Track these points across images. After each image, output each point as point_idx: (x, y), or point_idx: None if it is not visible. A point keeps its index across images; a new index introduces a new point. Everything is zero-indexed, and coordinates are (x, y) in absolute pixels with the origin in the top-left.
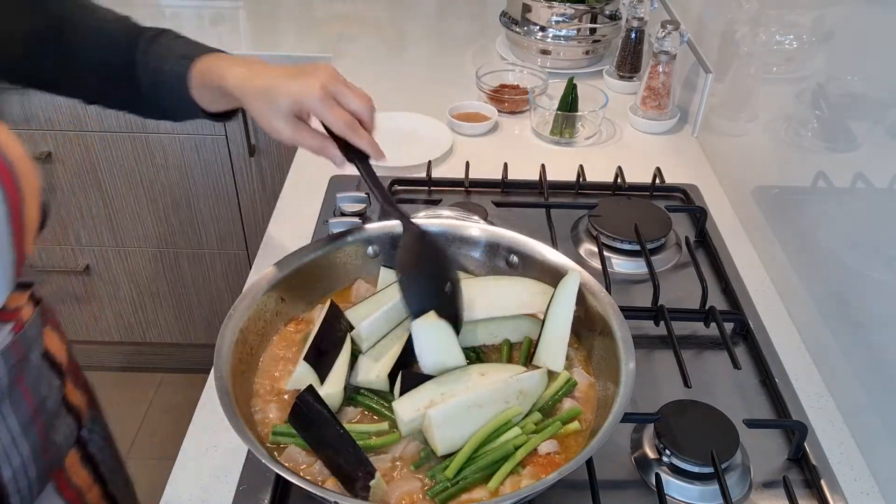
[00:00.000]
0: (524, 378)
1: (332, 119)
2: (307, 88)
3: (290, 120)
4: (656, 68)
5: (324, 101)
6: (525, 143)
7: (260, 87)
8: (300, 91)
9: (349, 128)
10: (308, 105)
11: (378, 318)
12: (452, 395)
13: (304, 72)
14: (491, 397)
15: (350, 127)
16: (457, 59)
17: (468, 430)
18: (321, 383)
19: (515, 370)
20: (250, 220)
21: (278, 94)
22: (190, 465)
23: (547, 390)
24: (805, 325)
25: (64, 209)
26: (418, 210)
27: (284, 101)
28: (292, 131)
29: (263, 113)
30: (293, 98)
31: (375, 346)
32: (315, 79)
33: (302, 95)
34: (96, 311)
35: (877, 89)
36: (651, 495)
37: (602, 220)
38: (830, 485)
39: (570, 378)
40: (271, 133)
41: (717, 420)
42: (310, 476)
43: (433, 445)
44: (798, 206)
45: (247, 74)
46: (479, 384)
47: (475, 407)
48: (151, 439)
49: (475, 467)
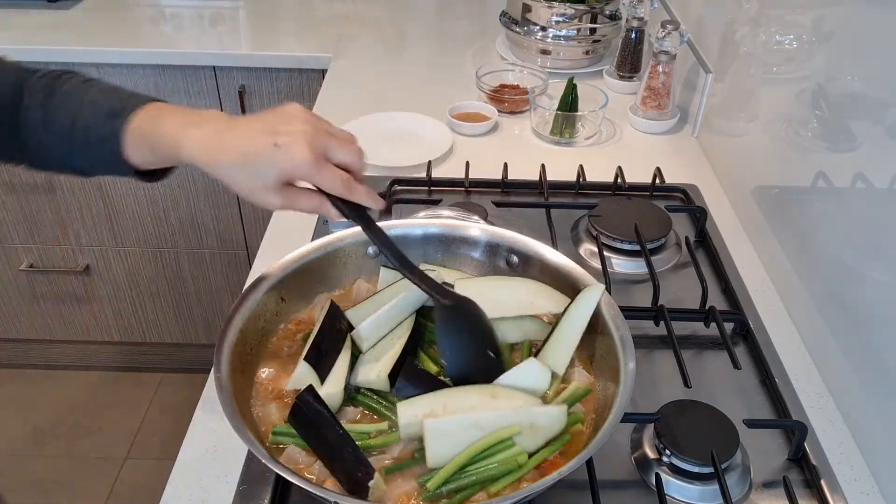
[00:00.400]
0: (538, 411)
1: (328, 184)
2: (295, 157)
3: (280, 189)
4: (656, 68)
5: (316, 165)
6: (525, 143)
7: (235, 162)
8: (287, 160)
9: (346, 188)
10: (298, 173)
11: (378, 318)
12: (455, 409)
13: (278, 129)
14: (494, 422)
15: (346, 186)
16: (457, 59)
17: (461, 450)
18: (321, 383)
19: (531, 400)
20: (250, 220)
21: (261, 166)
22: (190, 465)
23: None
24: (805, 325)
25: (64, 209)
26: (418, 210)
27: (271, 174)
28: (283, 199)
29: (246, 187)
30: (280, 169)
31: (376, 346)
32: (299, 140)
33: (290, 164)
34: (96, 311)
35: (877, 89)
36: (651, 495)
37: (602, 220)
38: (830, 485)
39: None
40: (259, 204)
41: (717, 420)
42: (310, 476)
43: (427, 457)
44: (798, 206)
45: (211, 144)
46: (485, 405)
47: (474, 428)
48: (151, 439)
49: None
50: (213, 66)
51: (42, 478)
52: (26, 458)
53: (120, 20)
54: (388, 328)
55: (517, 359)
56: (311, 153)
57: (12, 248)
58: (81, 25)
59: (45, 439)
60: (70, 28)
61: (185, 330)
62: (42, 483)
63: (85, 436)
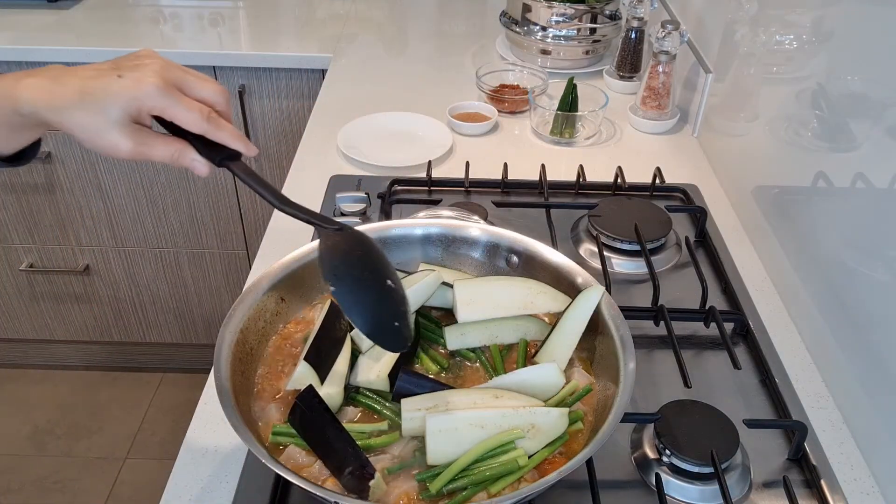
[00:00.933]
0: (539, 412)
1: (183, 114)
2: (141, 82)
3: (129, 128)
4: (656, 68)
5: (166, 92)
6: (525, 143)
7: (74, 96)
8: (132, 87)
9: (208, 121)
10: (148, 103)
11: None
12: (457, 406)
13: (123, 65)
14: (496, 421)
15: (208, 119)
16: (457, 59)
17: (462, 448)
18: (321, 383)
19: (533, 402)
20: (250, 220)
21: (103, 98)
22: (190, 465)
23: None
24: (805, 325)
25: (64, 209)
26: (418, 210)
27: (114, 107)
28: (134, 142)
29: (89, 127)
30: (126, 98)
31: (375, 346)
32: (146, 68)
33: (136, 92)
34: (96, 311)
35: (877, 89)
36: (651, 495)
37: (602, 220)
38: (830, 485)
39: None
40: (106, 150)
41: (717, 420)
42: (310, 476)
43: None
44: (798, 206)
45: (48, 85)
46: (488, 404)
47: (476, 427)
48: (151, 439)
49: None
50: (213, 66)
51: (42, 478)
52: (26, 458)
53: (120, 20)
54: None
55: (515, 358)
56: (160, 80)
57: (12, 248)
58: (81, 25)
59: (45, 439)
60: (70, 28)
61: (185, 330)
62: (42, 483)
63: (85, 436)
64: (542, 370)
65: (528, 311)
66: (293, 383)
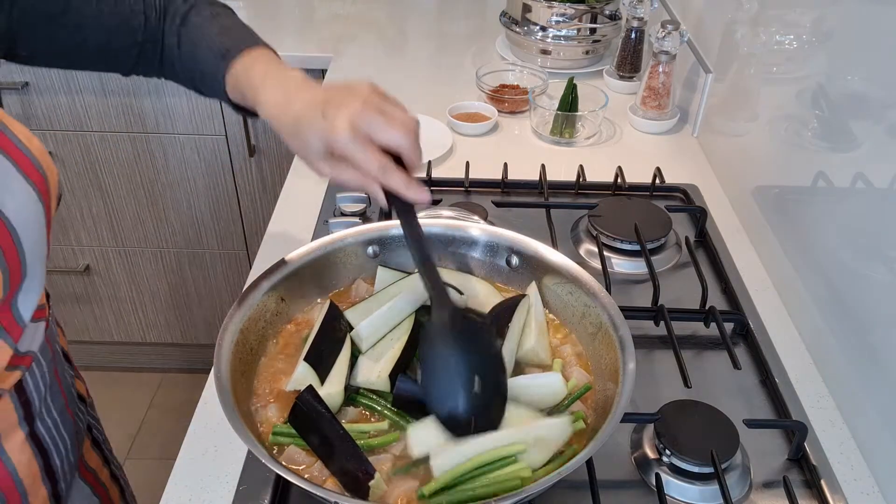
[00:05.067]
0: (542, 425)
1: (363, 165)
2: (335, 131)
3: (327, 157)
4: (656, 68)
5: (353, 142)
6: (525, 143)
7: (291, 125)
8: (328, 132)
9: (381, 174)
10: (338, 149)
11: (378, 317)
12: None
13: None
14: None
15: (381, 171)
16: (457, 59)
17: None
18: (321, 383)
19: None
20: (250, 220)
21: (307, 135)
22: (190, 465)
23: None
24: (805, 325)
25: (64, 209)
26: (418, 210)
27: (316, 143)
28: (330, 168)
29: (299, 151)
30: (322, 139)
31: (375, 346)
32: (343, 114)
33: (329, 137)
34: (96, 311)
35: (877, 89)
36: (651, 495)
37: (602, 220)
38: (830, 485)
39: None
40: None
41: (717, 420)
42: (310, 476)
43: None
44: (798, 206)
45: (280, 105)
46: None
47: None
48: (151, 439)
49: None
50: None
51: None
52: None
53: None
54: (387, 328)
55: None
56: (349, 129)
57: None
58: None
59: None
60: None
61: (185, 330)
62: None
63: None
64: (545, 379)
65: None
66: (293, 384)
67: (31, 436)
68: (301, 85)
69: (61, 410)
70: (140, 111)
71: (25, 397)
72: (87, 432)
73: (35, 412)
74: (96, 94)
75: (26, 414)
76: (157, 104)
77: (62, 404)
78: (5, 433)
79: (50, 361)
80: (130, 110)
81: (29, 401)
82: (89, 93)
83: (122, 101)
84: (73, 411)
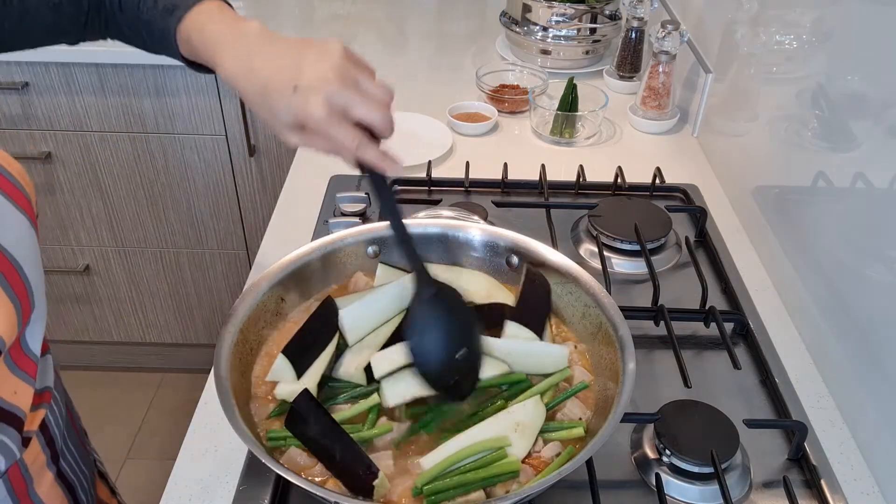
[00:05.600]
0: (516, 409)
1: (338, 141)
2: (309, 108)
3: (297, 129)
4: (656, 68)
5: (328, 120)
6: (525, 143)
7: (258, 94)
8: (301, 108)
9: (357, 149)
10: (312, 126)
11: (361, 306)
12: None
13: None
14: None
15: (357, 148)
16: (457, 59)
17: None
18: (298, 377)
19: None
20: (250, 220)
21: (278, 107)
22: (190, 465)
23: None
24: (805, 325)
25: (64, 209)
26: (418, 210)
27: (286, 117)
28: (299, 139)
29: (266, 121)
30: (293, 115)
31: (363, 340)
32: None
33: (302, 114)
34: (96, 312)
35: (877, 89)
36: (651, 495)
37: (602, 220)
38: (830, 485)
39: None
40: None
41: (717, 420)
42: (310, 476)
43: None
44: (798, 206)
45: (241, 71)
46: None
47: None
48: (151, 439)
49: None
50: None
51: None
52: None
53: None
54: (373, 319)
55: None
56: (325, 108)
57: None
58: None
59: None
60: None
61: (185, 330)
62: None
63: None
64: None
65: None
66: (271, 375)
67: (58, 476)
68: (262, 41)
69: (77, 445)
70: (140, 111)
71: (49, 436)
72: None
73: (59, 450)
74: (96, 94)
75: (52, 454)
76: (156, 104)
77: (77, 439)
78: (37, 477)
79: (63, 395)
80: (130, 110)
81: (52, 439)
82: (89, 93)
83: (121, 101)
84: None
